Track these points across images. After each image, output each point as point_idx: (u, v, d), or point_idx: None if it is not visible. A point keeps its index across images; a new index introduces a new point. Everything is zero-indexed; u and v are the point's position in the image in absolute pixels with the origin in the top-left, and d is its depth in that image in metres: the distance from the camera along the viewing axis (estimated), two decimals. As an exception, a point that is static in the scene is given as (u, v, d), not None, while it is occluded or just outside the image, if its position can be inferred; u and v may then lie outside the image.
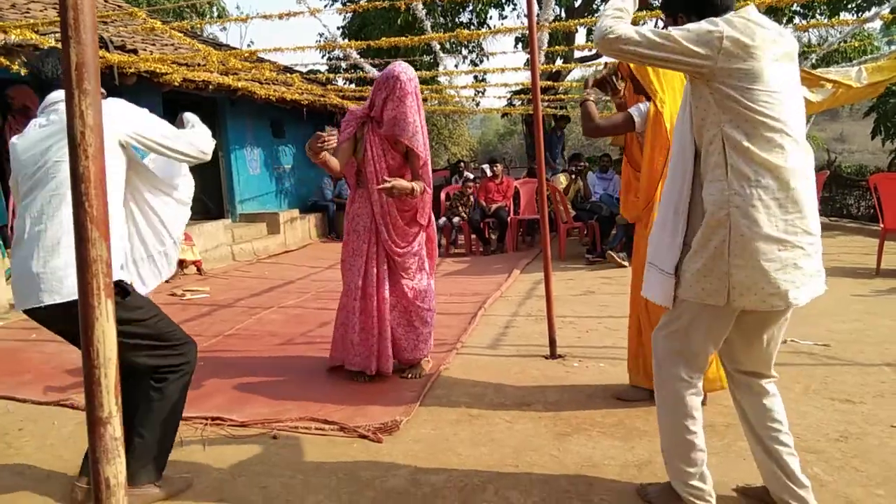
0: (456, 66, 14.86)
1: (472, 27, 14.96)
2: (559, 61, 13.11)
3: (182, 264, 7.68)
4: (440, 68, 10.44)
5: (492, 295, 6.21)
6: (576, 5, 14.65)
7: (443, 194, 10.77)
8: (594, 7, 14.63)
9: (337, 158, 3.58)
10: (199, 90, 8.64)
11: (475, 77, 14.24)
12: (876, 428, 2.91)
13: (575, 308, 5.47)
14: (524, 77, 10.72)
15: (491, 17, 16.00)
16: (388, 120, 3.59)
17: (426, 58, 12.45)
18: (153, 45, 8.89)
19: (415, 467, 2.68)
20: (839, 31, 9.14)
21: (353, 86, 12.89)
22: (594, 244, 8.41)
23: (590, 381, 3.64)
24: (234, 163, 10.73)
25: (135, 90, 7.42)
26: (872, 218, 9.02)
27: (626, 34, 2.01)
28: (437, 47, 9.00)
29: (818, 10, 12.58)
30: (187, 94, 8.85)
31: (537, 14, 4.54)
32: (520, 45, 14.74)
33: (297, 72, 10.98)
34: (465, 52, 14.92)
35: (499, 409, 3.29)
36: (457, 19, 15.63)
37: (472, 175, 12.21)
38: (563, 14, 14.48)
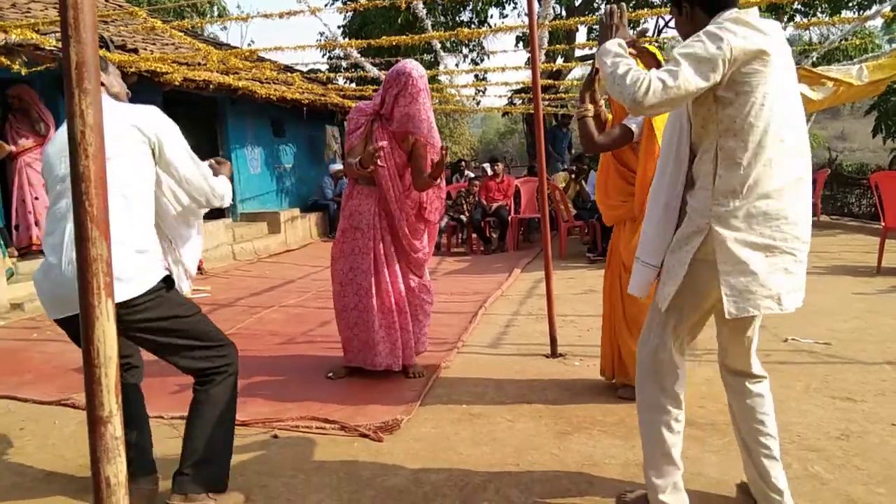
0: (456, 64, 14.88)
1: (472, 26, 14.96)
2: (560, 60, 13.11)
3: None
4: (441, 67, 10.45)
5: (493, 294, 6.21)
6: (576, 4, 14.65)
7: (455, 191, 10.77)
8: (595, 6, 14.63)
9: (353, 158, 3.60)
10: (200, 89, 8.65)
11: (476, 76, 14.24)
12: (877, 426, 2.91)
13: (576, 307, 5.47)
14: (525, 76, 10.72)
15: (492, 16, 16.02)
16: (401, 117, 3.59)
17: (427, 57, 12.47)
18: (154, 44, 8.89)
19: (416, 466, 2.68)
20: (840, 29, 9.13)
21: (353, 85, 12.89)
22: (595, 243, 8.41)
23: (590, 380, 3.64)
24: (234, 162, 10.73)
25: (135, 90, 7.37)
26: (873, 216, 9.03)
27: (651, 96, 1.86)
28: (438, 46, 9.01)
29: (819, 7, 12.57)
30: (188, 93, 8.85)
31: (538, 13, 4.54)
32: (520, 43, 14.74)
33: (297, 71, 10.97)
34: (465, 50, 14.93)
35: (500, 407, 3.29)
36: (457, 18, 15.64)
37: (473, 174, 12.21)
38: (563, 13, 14.48)
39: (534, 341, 4.47)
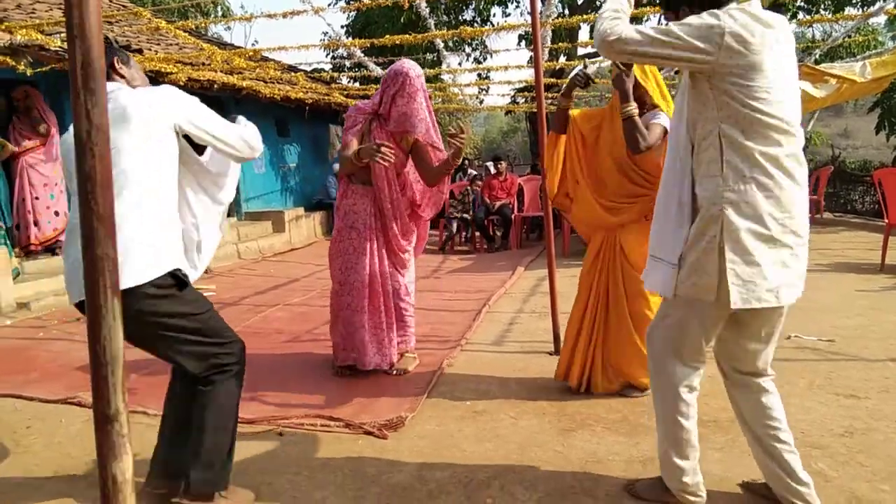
0: (459, 63, 14.85)
1: (475, 25, 14.98)
2: (563, 58, 13.09)
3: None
4: (444, 66, 10.44)
5: (496, 292, 6.22)
6: (579, 2, 14.64)
7: (458, 190, 10.78)
8: (597, 4, 14.61)
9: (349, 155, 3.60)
10: (204, 89, 8.66)
11: (479, 75, 14.25)
12: (881, 423, 2.91)
13: (579, 305, 5.46)
14: (528, 74, 10.71)
15: (494, 15, 16.02)
16: (398, 116, 3.60)
17: (430, 56, 12.46)
18: (158, 44, 8.91)
19: (420, 463, 2.69)
20: (843, 27, 9.10)
21: (357, 84, 12.89)
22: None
23: (594, 378, 3.64)
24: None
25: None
26: (877, 213, 9.00)
27: (627, 34, 1.97)
28: (441, 45, 8.99)
29: (822, 4, 12.53)
30: (192, 93, 8.84)
31: (540, 11, 4.54)
32: (523, 42, 14.72)
33: (301, 70, 10.98)
34: (468, 49, 14.92)
35: (503, 405, 3.30)
36: (460, 17, 15.64)
37: (476, 172, 12.22)
38: (566, 11, 14.46)
39: (537, 339, 4.48)
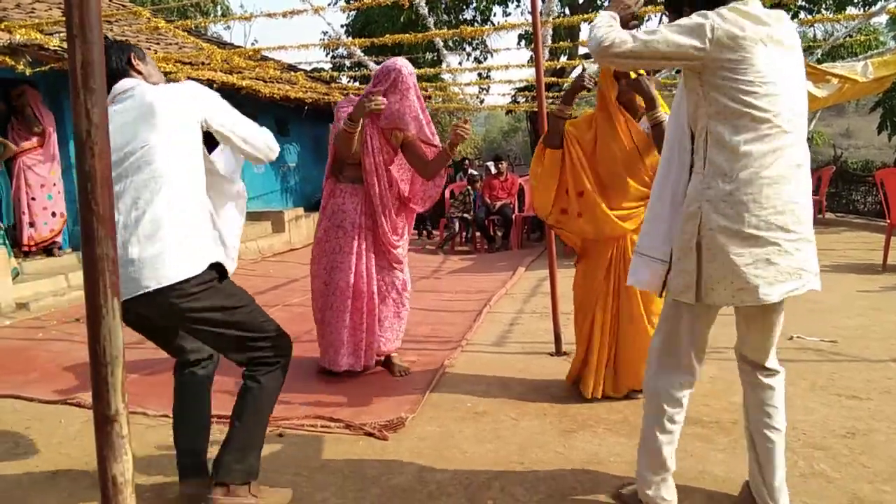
0: (460, 63, 14.85)
1: (475, 24, 14.96)
2: (563, 58, 13.08)
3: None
4: (444, 65, 10.43)
5: (497, 292, 6.22)
6: (579, 2, 14.62)
7: (447, 192, 10.77)
8: (598, 3, 14.60)
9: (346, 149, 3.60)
10: (204, 89, 8.65)
11: (479, 74, 14.24)
12: (883, 424, 2.90)
13: (580, 305, 5.45)
14: (528, 74, 10.71)
15: (495, 14, 16.00)
16: (390, 113, 3.58)
17: (430, 55, 12.46)
18: (157, 44, 8.91)
19: (420, 464, 2.68)
20: (845, 26, 9.09)
21: (357, 84, 12.88)
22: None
23: (595, 378, 3.63)
24: (238, 161, 10.73)
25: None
26: (879, 213, 9.00)
27: (619, 40, 2.02)
28: (441, 44, 8.98)
29: (824, 4, 12.52)
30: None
31: (541, 10, 4.53)
32: (523, 41, 14.71)
33: (301, 70, 10.97)
34: (468, 49, 14.92)
35: (504, 405, 3.29)
36: (460, 16, 15.63)
37: (476, 172, 12.21)
38: (566, 10, 14.45)
39: (538, 339, 4.47)
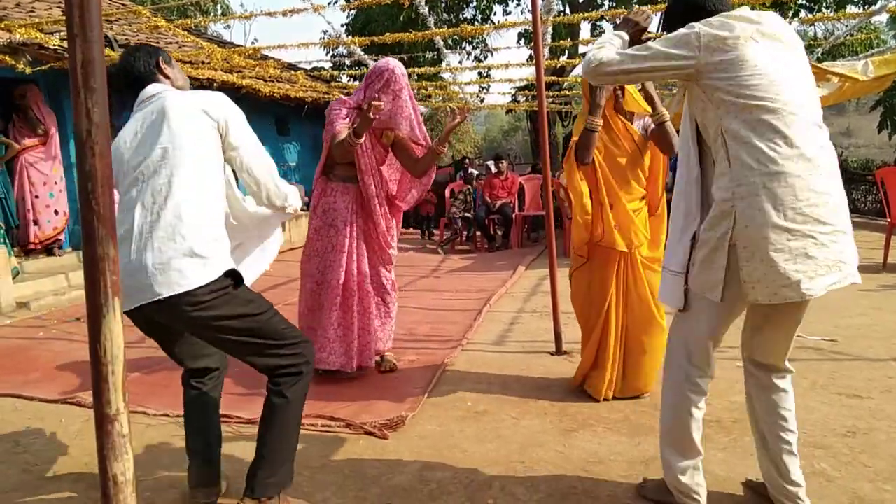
0: (460, 62, 14.84)
1: (475, 23, 14.94)
2: (563, 57, 13.07)
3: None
4: (444, 64, 10.42)
5: (497, 291, 6.21)
6: (579, 0, 14.61)
7: (447, 191, 10.77)
8: (597, 2, 14.60)
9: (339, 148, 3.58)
10: (204, 88, 8.65)
11: (479, 73, 14.23)
12: (883, 423, 2.90)
13: (580, 304, 5.45)
14: (528, 73, 10.70)
15: (495, 13, 15.99)
16: (384, 113, 3.56)
17: (430, 54, 12.44)
18: (157, 43, 8.90)
19: (421, 464, 2.68)
20: (845, 25, 9.09)
21: (357, 83, 12.88)
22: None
23: (596, 377, 3.63)
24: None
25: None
26: (879, 212, 8.98)
27: (607, 58, 2.12)
28: (441, 43, 8.98)
29: (824, 3, 12.51)
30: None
31: (541, 9, 4.53)
32: (523, 40, 14.71)
33: (301, 69, 10.97)
34: (468, 47, 14.91)
35: (504, 405, 3.29)
36: (461, 15, 15.62)
37: (476, 171, 12.20)
38: (566, 9, 14.44)
39: (539, 338, 4.47)
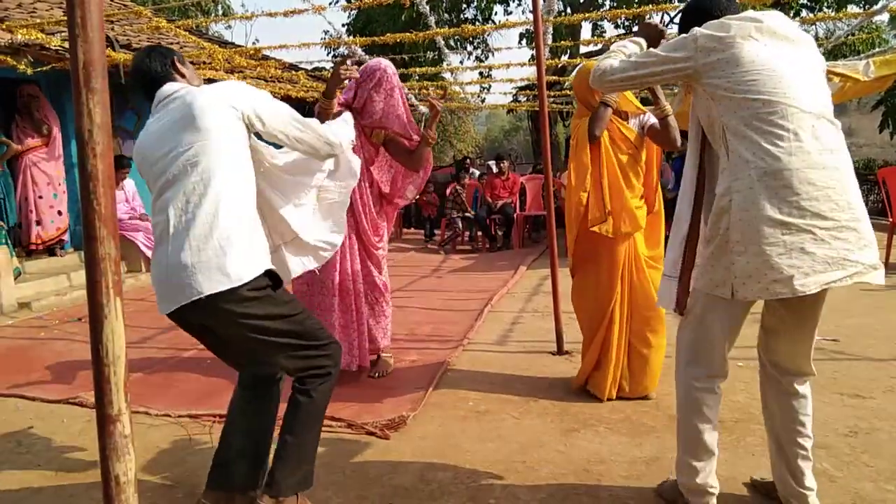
0: (461, 62, 14.84)
1: (476, 23, 14.94)
2: (565, 57, 13.07)
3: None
4: (445, 64, 10.42)
5: (498, 291, 6.21)
6: (580, 1, 14.60)
7: (449, 191, 10.77)
8: (598, 2, 14.59)
9: None
10: (205, 88, 8.65)
11: (480, 73, 14.22)
12: (886, 423, 2.90)
13: (582, 304, 5.45)
14: (529, 73, 10.69)
15: (496, 13, 15.99)
16: (376, 111, 3.56)
17: (431, 54, 12.43)
18: (158, 43, 8.90)
19: (422, 464, 2.68)
20: (847, 24, 9.08)
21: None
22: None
23: (597, 377, 3.63)
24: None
25: (131, 91, 7.43)
26: (881, 212, 8.97)
27: (608, 66, 2.18)
28: (442, 43, 8.98)
29: (825, 2, 12.50)
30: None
31: (542, 9, 4.53)
32: (524, 40, 14.70)
33: (302, 69, 10.97)
34: (469, 48, 14.90)
35: (506, 405, 3.29)
36: (462, 15, 15.61)
37: (478, 171, 12.20)
38: (568, 9, 14.44)
39: (540, 338, 4.47)
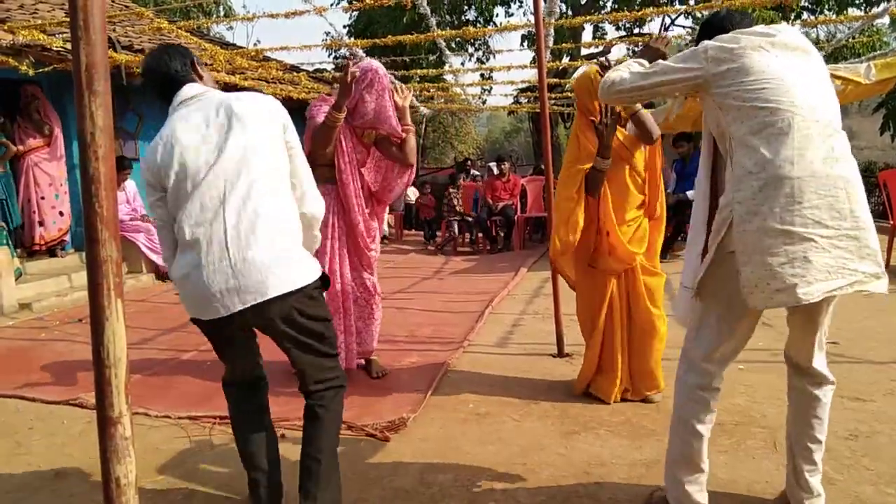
0: (462, 64, 14.84)
1: (478, 25, 14.95)
2: (566, 59, 13.08)
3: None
4: (446, 66, 10.42)
5: (499, 293, 6.21)
6: (582, 2, 14.62)
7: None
8: (599, 3, 14.60)
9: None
10: (206, 89, 8.65)
11: (481, 75, 14.22)
12: (886, 426, 2.90)
13: (582, 306, 5.45)
14: (531, 74, 10.71)
15: (497, 15, 16.00)
16: (368, 111, 3.58)
17: (432, 56, 12.44)
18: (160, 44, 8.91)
19: (422, 465, 2.68)
20: (848, 27, 9.08)
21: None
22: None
23: (597, 380, 3.62)
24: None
25: (142, 90, 7.44)
26: (881, 215, 8.96)
27: (617, 78, 2.18)
28: (443, 45, 8.98)
29: (826, 5, 12.50)
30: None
31: (543, 11, 4.53)
32: (526, 42, 14.72)
33: (303, 71, 10.97)
34: (471, 49, 14.91)
35: (506, 407, 3.29)
36: (463, 17, 15.62)
37: (478, 173, 12.21)
38: (569, 12, 14.45)
39: (540, 341, 4.47)
